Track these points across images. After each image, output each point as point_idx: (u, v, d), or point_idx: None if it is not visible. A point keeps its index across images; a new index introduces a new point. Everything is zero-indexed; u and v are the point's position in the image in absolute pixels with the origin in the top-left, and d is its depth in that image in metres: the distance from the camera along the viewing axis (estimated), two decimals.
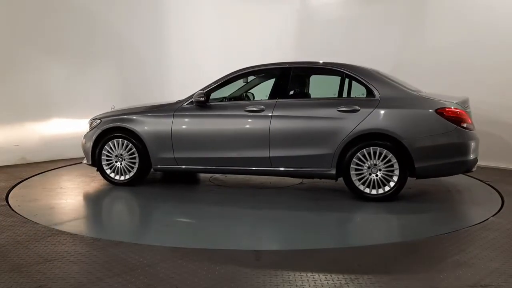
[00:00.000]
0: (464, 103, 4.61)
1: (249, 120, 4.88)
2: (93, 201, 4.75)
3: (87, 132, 5.51)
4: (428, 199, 4.77)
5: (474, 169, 4.63)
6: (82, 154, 6.83)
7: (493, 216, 4.11)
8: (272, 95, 4.99)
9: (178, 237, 3.56)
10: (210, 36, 9.10)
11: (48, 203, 4.57)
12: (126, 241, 3.35)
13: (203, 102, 4.99)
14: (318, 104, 4.82)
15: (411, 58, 7.62)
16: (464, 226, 3.82)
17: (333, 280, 2.75)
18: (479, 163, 4.76)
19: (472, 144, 4.46)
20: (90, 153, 5.34)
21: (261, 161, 4.82)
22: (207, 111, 5.03)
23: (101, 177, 5.41)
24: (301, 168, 4.76)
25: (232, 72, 5.15)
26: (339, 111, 4.59)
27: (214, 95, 5.20)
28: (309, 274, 2.82)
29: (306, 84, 5.31)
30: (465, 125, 4.41)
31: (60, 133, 7.20)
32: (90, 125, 5.55)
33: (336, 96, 4.95)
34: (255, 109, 4.85)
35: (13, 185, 5.28)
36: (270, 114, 4.77)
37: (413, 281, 2.72)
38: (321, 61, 5.10)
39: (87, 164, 5.44)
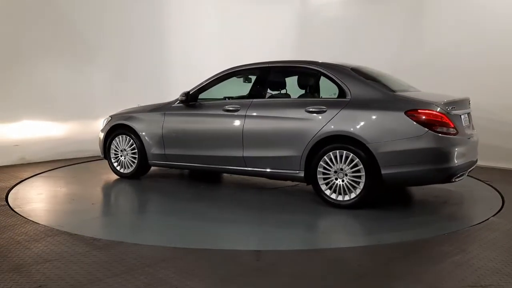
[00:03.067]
0: (450, 105, 4.16)
1: (226, 119, 4.92)
2: (93, 200, 4.74)
3: (102, 128, 5.95)
4: (428, 199, 4.76)
5: (459, 179, 4.21)
6: (82, 154, 7.33)
7: (493, 216, 4.11)
8: (250, 95, 5.03)
9: (178, 237, 3.56)
10: (210, 36, 9.10)
11: (48, 203, 4.57)
12: (126, 241, 3.35)
13: (186, 102, 5.22)
14: (288, 104, 4.72)
15: (411, 58, 7.62)
16: (464, 226, 3.81)
17: (333, 280, 2.75)
18: (480, 163, 4.72)
19: (453, 150, 4.00)
20: (102, 148, 5.86)
21: (236, 160, 4.85)
22: (192, 110, 5.24)
23: (101, 175, 5.69)
24: (273, 169, 4.67)
25: (217, 74, 5.24)
26: (306, 111, 4.42)
27: (215, 94, 5.26)
28: (309, 274, 2.82)
29: (282, 84, 5.17)
30: (442, 128, 3.98)
31: (60, 133, 7.20)
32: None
33: (309, 95, 4.88)
34: (231, 108, 4.91)
35: (13, 185, 5.28)
36: (244, 114, 4.79)
37: (413, 281, 2.72)
38: (297, 60, 5.01)
39: (102, 157, 5.97)
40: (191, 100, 5.23)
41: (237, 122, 4.82)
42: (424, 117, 3.98)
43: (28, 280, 2.65)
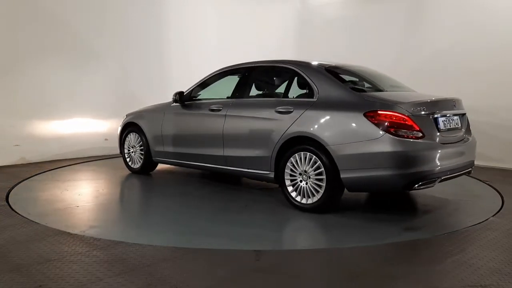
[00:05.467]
0: (419, 106, 3.89)
1: (210, 118, 5.04)
2: (93, 200, 4.74)
3: (120, 125, 6.36)
4: (428, 199, 4.77)
5: (426, 186, 3.87)
6: (82, 154, 7.53)
7: (493, 216, 4.11)
8: (232, 95, 5.08)
9: (178, 237, 3.56)
10: (210, 36, 9.10)
11: (48, 203, 4.56)
12: (126, 241, 3.35)
13: (177, 101, 5.43)
14: (261, 104, 4.70)
15: (412, 58, 7.63)
16: (464, 226, 3.81)
17: (333, 280, 2.75)
18: (480, 163, 4.70)
19: (415, 154, 3.71)
20: (118, 144, 6.33)
21: (218, 159, 4.95)
22: (185, 109, 5.42)
23: (102, 175, 5.96)
24: (248, 169, 4.67)
25: (206, 75, 5.42)
26: (276, 112, 4.39)
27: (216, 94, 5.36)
28: (308, 274, 2.82)
29: (261, 84, 5.16)
30: (402, 131, 3.72)
31: (60, 133, 7.20)
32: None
33: (282, 95, 4.84)
34: (215, 108, 5.01)
35: (13, 185, 5.28)
36: (225, 114, 4.87)
37: (413, 281, 2.72)
38: (275, 59, 4.99)
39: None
40: (185, 100, 5.40)
41: (219, 122, 4.91)
42: (382, 119, 3.75)
43: (28, 280, 2.65)
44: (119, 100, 7.86)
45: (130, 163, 6.16)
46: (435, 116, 4.00)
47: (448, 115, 4.16)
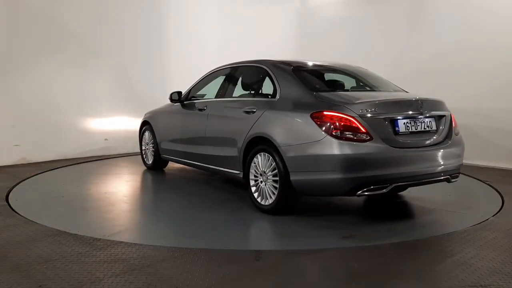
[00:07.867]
0: (371, 107, 3.66)
1: (198, 118, 5.19)
2: (93, 200, 4.74)
3: None
4: (428, 199, 4.77)
5: (373, 192, 3.61)
6: (81, 155, 7.49)
7: (493, 216, 4.11)
8: (216, 95, 5.19)
9: (178, 237, 3.56)
10: (210, 36, 9.11)
11: (48, 203, 4.57)
12: (126, 241, 3.35)
13: (177, 101, 5.61)
14: (233, 104, 4.75)
15: (410, 58, 7.63)
16: (464, 226, 3.81)
17: (332, 280, 2.75)
18: (480, 163, 4.69)
19: (358, 158, 3.51)
20: (139, 141, 6.68)
21: (204, 157, 5.07)
22: (183, 109, 5.59)
23: (102, 175, 5.99)
24: (225, 168, 4.71)
25: (203, 75, 5.61)
26: (243, 112, 4.40)
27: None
28: (309, 274, 2.82)
29: (238, 83, 5.15)
30: (346, 134, 3.54)
31: (60, 133, 7.20)
32: None
33: (251, 95, 4.82)
34: (201, 108, 5.18)
35: (13, 185, 5.28)
36: (207, 113, 5.01)
37: (413, 281, 2.72)
38: (251, 60, 4.99)
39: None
40: (183, 100, 5.58)
41: (203, 121, 5.05)
42: (326, 120, 3.62)
43: (28, 280, 2.65)
44: (119, 100, 7.87)
45: (145, 159, 6.51)
46: (394, 117, 3.75)
47: (416, 117, 3.88)
